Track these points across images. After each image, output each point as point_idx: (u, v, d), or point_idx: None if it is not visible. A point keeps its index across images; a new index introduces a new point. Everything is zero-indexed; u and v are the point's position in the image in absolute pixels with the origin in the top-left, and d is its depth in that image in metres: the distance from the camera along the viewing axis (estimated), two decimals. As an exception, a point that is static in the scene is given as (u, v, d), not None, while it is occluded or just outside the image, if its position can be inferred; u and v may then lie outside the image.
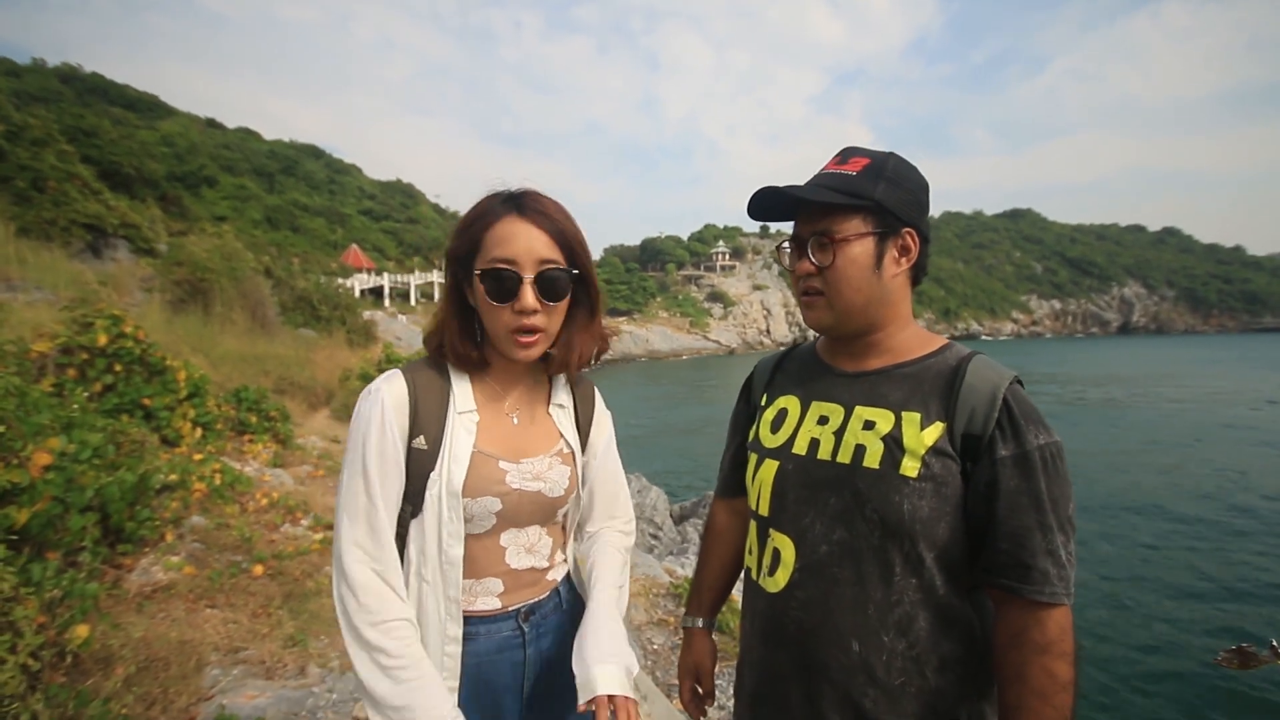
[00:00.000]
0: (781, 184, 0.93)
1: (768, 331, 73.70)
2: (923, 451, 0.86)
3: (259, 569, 3.50)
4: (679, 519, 7.98)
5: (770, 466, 1.01)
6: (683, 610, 4.02)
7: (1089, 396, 27.46)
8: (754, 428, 1.10)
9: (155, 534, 3.46)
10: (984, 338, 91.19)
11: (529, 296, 0.91)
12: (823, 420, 0.97)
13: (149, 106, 51.70)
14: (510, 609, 0.98)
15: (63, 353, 4.73)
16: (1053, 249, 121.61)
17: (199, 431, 5.46)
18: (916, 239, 0.96)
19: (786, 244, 1.01)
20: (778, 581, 0.96)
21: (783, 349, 1.21)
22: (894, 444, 0.88)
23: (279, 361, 9.66)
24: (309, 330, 14.99)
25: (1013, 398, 0.87)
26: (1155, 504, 11.42)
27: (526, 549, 1.00)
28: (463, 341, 0.97)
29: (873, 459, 0.89)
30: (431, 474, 0.93)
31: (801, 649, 0.92)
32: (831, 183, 0.93)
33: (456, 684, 0.91)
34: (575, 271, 0.95)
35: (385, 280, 39.65)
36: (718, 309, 73.53)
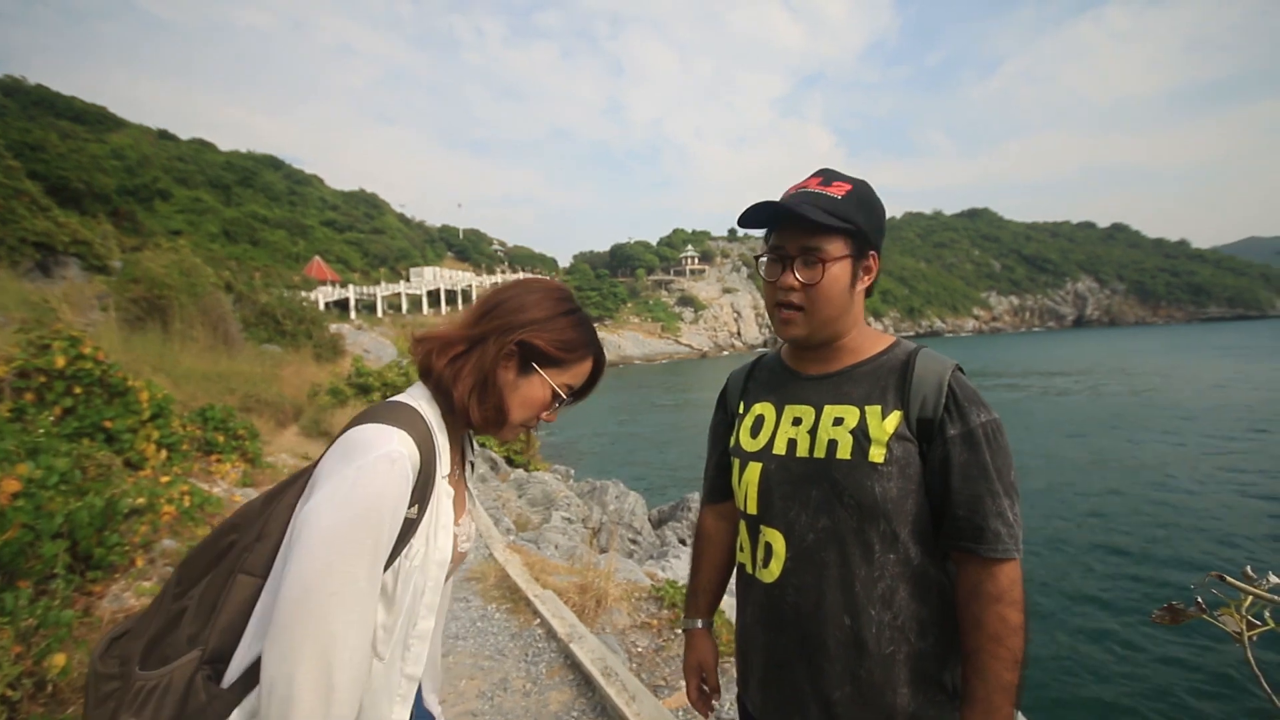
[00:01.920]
0: (759, 196, 1.02)
1: (738, 334, 74.44)
2: (886, 439, 0.96)
3: (235, 590, 3.46)
4: (657, 523, 8.05)
5: (754, 468, 1.08)
6: (664, 612, 4.09)
7: (1042, 386, 28.46)
8: (734, 435, 1.17)
9: (125, 559, 3.38)
10: (947, 335, 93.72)
11: (555, 414, 1.05)
12: (796, 421, 1.05)
13: (98, 118, 49.90)
14: (424, 691, 1.03)
15: (19, 376, 4.58)
16: (1009, 247, 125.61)
17: (163, 453, 5.33)
18: (877, 260, 1.05)
19: (765, 255, 1.07)
20: (772, 572, 1.04)
21: (751, 360, 1.29)
22: (861, 435, 0.98)
23: (244, 379, 9.44)
24: (274, 346, 14.67)
25: (955, 383, 0.98)
26: (1102, 485, 11.98)
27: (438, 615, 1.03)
28: (504, 408, 0.99)
29: (844, 451, 0.98)
30: (412, 544, 0.84)
31: (800, 630, 1.00)
32: (821, 204, 0.99)
33: None
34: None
35: (351, 292, 38.91)
36: (688, 313, 74.02)
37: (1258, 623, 0.82)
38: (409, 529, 0.83)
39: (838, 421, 1.01)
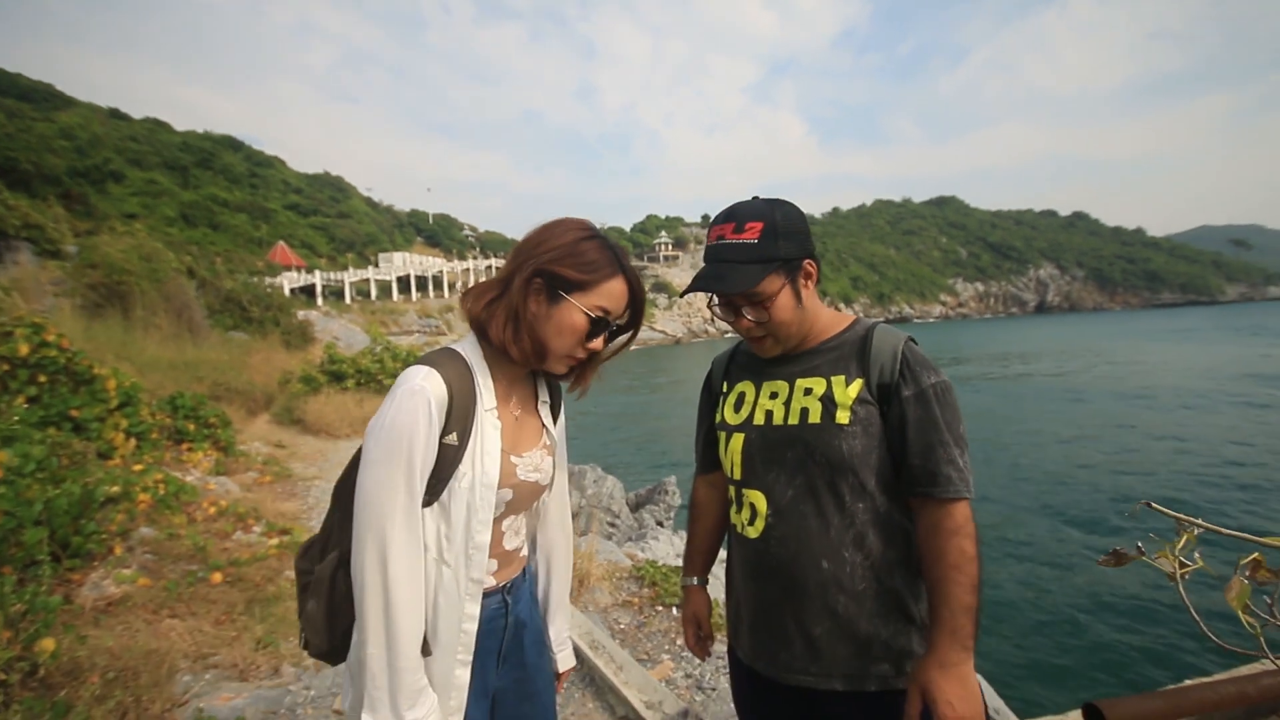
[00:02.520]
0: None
1: (713, 320, 74.28)
2: (850, 403, 1.09)
3: (217, 576, 3.45)
4: (635, 506, 8.17)
5: (738, 439, 1.20)
6: (645, 591, 4.20)
7: (1013, 371, 29.39)
8: (719, 411, 1.30)
9: (103, 547, 3.35)
10: (915, 320, 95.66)
11: (601, 342, 1.07)
12: (773, 395, 1.19)
13: (44, 96, 47.43)
14: (499, 585, 1.10)
15: (-21, 365, 4.45)
16: (976, 234, 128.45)
17: (132, 442, 5.22)
18: (814, 263, 1.16)
19: (715, 306, 1.20)
20: (757, 528, 1.16)
21: (732, 345, 1.41)
22: (829, 402, 1.11)
23: (212, 367, 9.24)
24: (240, 333, 14.32)
25: (908, 351, 1.11)
26: (1057, 462, 12.59)
27: (515, 532, 1.13)
28: (539, 339, 1.05)
29: (815, 416, 1.11)
30: (460, 468, 0.98)
31: (783, 576, 1.12)
32: (739, 255, 1.10)
33: (470, 657, 1.01)
34: (632, 330, 1.13)
35: (317, 278, 37.89)
36: (662, 299, 74.16)
37: (1189, 563, 0.94)
38: (453, 454, 0.98)
39: (808, 392, 1.14)
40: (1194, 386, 21.43)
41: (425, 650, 0.97)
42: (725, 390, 1.30)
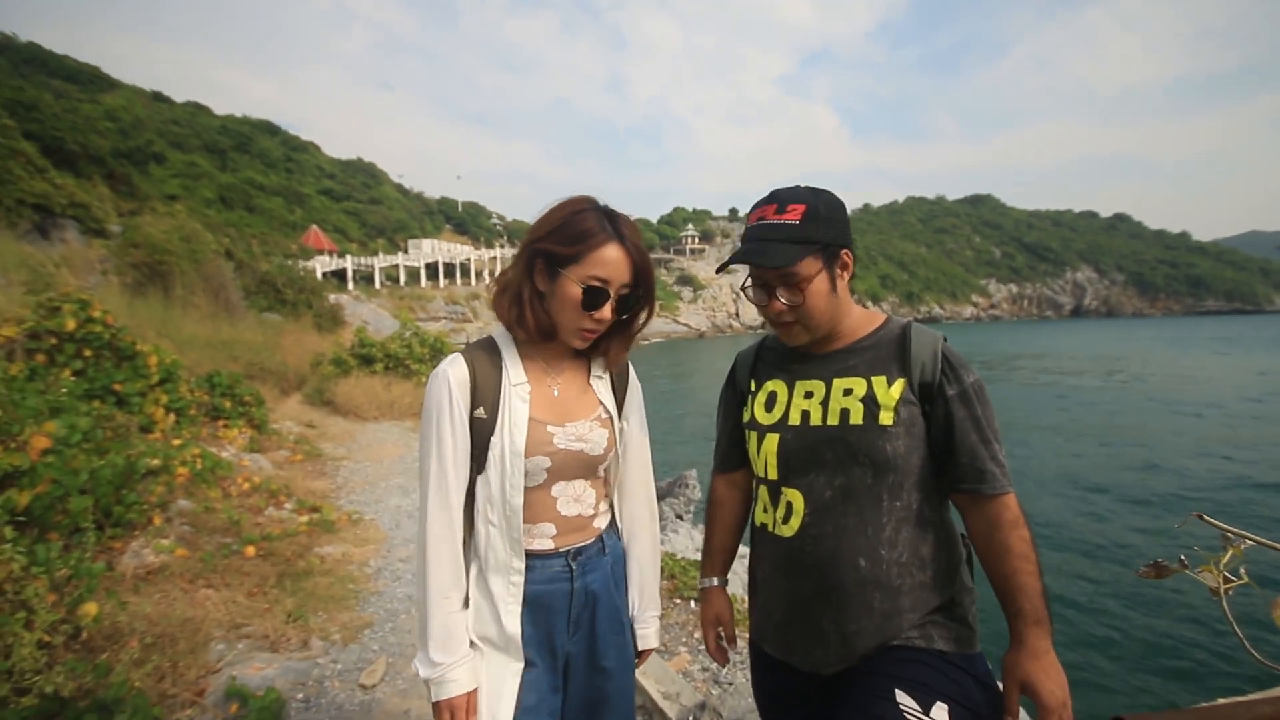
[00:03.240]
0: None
1: (736, 315, 74.44)
2: (893, 404, 1.09)
3: (250, 550, 3.56)
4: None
5: (772, 439, 1.19)
6: (663, 583, 4.21)
7: (1036, 378, 28.70)
8: (748, 410, 1.28)
9: (143, 518, 3.48)
10: (945, 321, 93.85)
11: (608, 312, 1.10)
12: (808, 395, 1.18)
13: (91, 78, 48.84)
14: (561, 549, 1.17)
15: (30, 338, 4.62)
16: (1011, 234, 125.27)
17: (172, 417, 5.39)
18: (850, 255, 1.16)
19: (749, 287, 1.20)
20: (792, 527, 1.15)
21: (757, 341, 1.40)
22: (871, 403, 1.10)
23: (247, 347, 9.48)
24: (274, 314, 14.65)
25: (947, 352, 1.12)
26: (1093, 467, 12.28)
27: (574, 499, 1.18)
28: (544, 316, 1.12)
29: (857, 417, 1.11)
30: (493, 438, 1.10)
31: (820, 574, 1.12)
32: (780, 234, 1.10)
33: (519, 606, 1.11)
34: (642, 296, 1.15)
35: (348, 263, 38.56)
36: (687, 292, 73.89)
37: (1233, 579, 0.91)
38: (486, 428, 1.10)
39: (847, 392, 1.13)
40: (1238, 397, 20.77)
41: (465, 603, 1.11)
42: (753, 389, 1.28)
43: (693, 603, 3.62)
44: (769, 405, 1.22)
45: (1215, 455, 13.14)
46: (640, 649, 1.30)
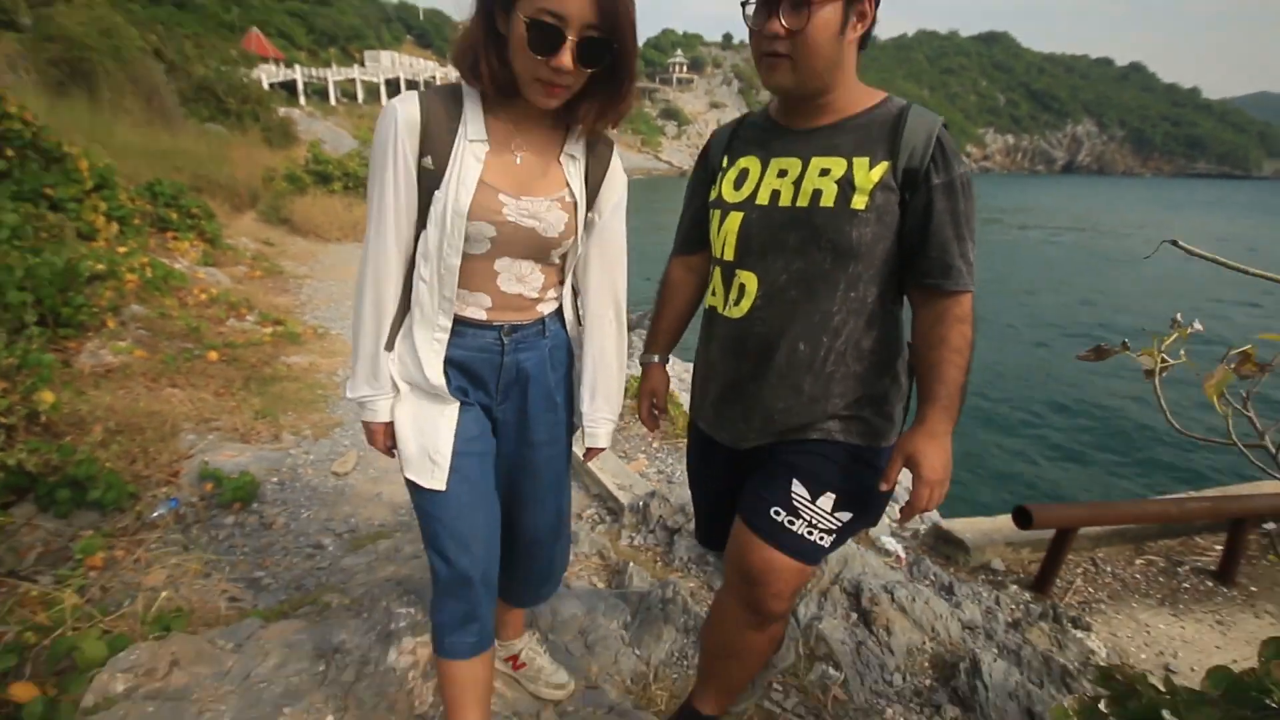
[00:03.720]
0: None
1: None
2: (870, 187, 1.02)
3: (213, 355, 3.56)
4: (630, 327, 8.35)
5: (735, 217, 1.12)
6: (629, 401, 4.39)
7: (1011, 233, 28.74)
8: (716, 188, 1.19)
9: (96, 320, 3.40)
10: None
11: (567, 58, 0.92)
12: (782, 174, 1.09)
13: None
14: (494, 323, 1.12)
15: (-63, 130, 4.17)
16: (1020, 79, 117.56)
17: (114, 226, 5.09)
18: (873, 5, 1.02)
19: (748, 2, 1.03)
20: (742, 309, 1.13)
21: (737, 117, 1.27)
22: (847, 185, 1.03)
23: (191, 158, 8.77)
24: (217, 126, 13.41)
25: (943, 137, 1.02)
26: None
27: (517, 278, 1.11)
28: (501, 64, 0.98)
29: (828, 199, 1.03)
30: (437, 192, 1.01)
31: (759, 355, 1.12)
32: None
33: (440, 362, 1.10)
34: (615, 45, 0.95)
35: (298, 74, 34.69)
36: (671, 127, 69.36)
37: (1170, 360, 0.91)
38: (430, 179, 1.02)
39: (824, 172, 1.04)
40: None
41: (388, 346, 1.10)
42: (725, 165, 1.19)
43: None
44: (739, 183, 1.14)
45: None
46: (589, 446, 1.29)
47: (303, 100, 33.34)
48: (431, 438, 1.09)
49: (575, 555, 2.21)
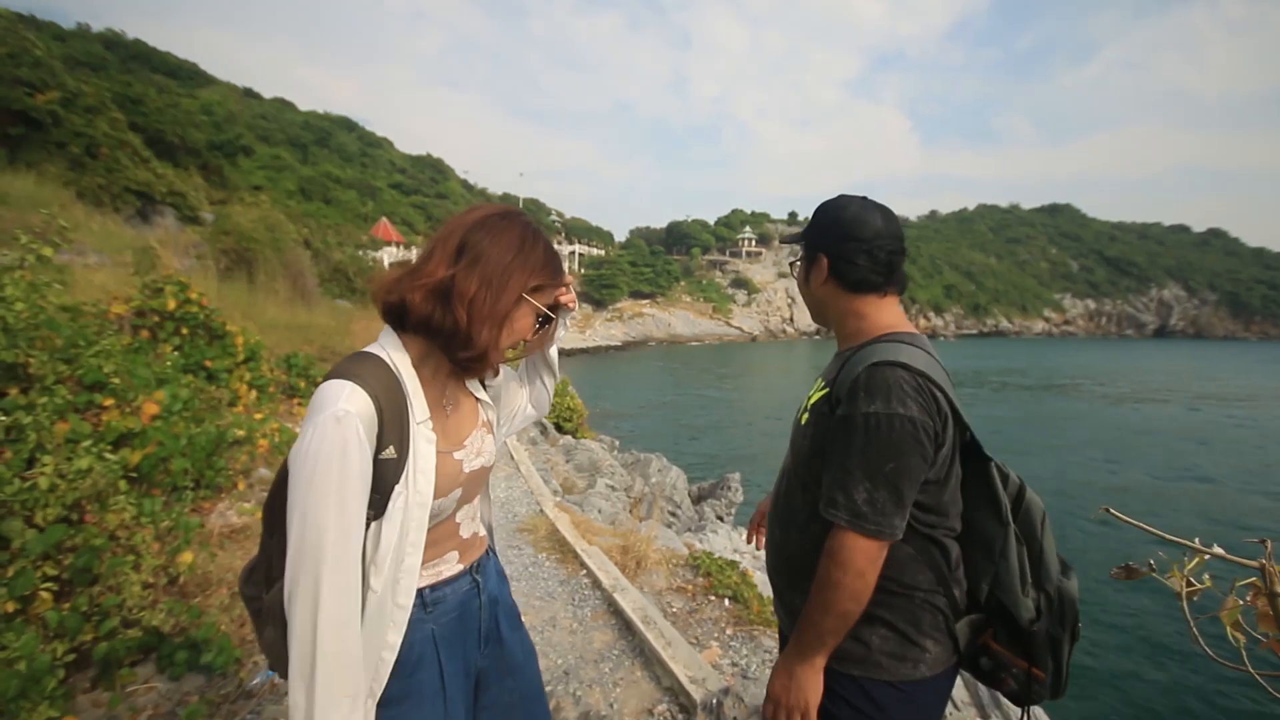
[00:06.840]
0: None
1: (791, 320, 73.20)
2: (810, 405, 1.21)
3: (319, 519, 3.87)
4: (697, 499, 8.28)
5: None
6: (699, 580, 4.33)
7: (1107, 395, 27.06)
8: None
9: (229, 482, 3.84)
10: (1012, 335, 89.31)
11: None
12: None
13: (189, 74, 52.73)
14: (466, 568, 1.11)
15: (136, 315, 5.14)
16: (1091, 247, 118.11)
17: (254, 393, 5.86)
18: (826, 259, 1.23)
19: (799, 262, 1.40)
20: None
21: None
22: (809, 402, 1.23)
23: (320, 331, 10.10)
24: (344, 301, 15.49)
25: (866, 375, 1.06)
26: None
27: (471, 517, 1.13)
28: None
29: (802, 413, 1.25)
30: (397, 486, 0.91)
31: (772, 550, 1.33)
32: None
33: (382, 688, 0.93)
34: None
35: (414, 254, 40.10)
36: (741, 295, 73.18)
37: (1197, 584, 0.97)
38: (393, 470, 0.90)
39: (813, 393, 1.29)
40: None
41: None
42: None
43: (727, 600, 3.71)
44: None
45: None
46: None
47: (414, 275, 37.82)
48: None
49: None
